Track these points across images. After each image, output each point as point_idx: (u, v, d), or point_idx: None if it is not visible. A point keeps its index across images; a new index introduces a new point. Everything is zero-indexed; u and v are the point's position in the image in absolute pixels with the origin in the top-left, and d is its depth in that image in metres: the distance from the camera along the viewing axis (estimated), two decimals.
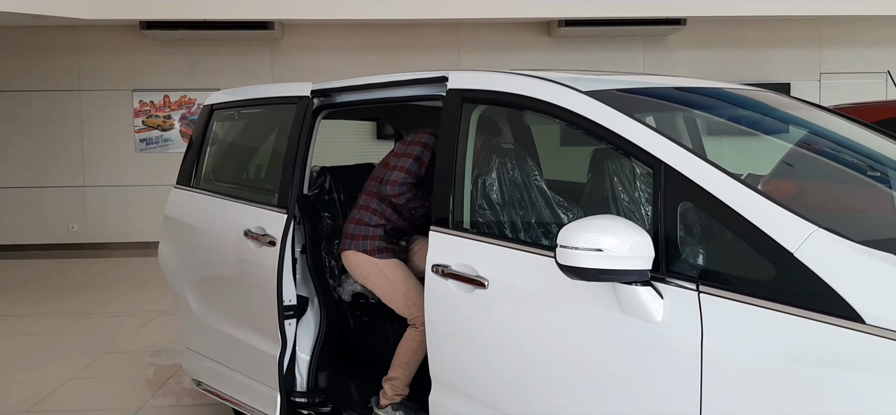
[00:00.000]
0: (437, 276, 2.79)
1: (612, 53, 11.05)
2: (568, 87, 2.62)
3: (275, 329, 3.43)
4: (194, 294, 4.13)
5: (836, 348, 1.88)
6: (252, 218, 3.62)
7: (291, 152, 3.51)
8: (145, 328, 6.59)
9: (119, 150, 10.98)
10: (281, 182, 3.54)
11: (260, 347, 3.58)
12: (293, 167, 3.47)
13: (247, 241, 3.60)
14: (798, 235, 2.00)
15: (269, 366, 3.48)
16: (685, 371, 2.11)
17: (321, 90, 3.55)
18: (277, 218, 3.45)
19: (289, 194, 3.46)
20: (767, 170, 2.98)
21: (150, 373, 5.44)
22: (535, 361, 2.49)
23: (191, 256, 4.19)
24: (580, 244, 2.13)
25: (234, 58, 10.88)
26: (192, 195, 4.29)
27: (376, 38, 10.93)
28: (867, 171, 2.93)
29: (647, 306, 2.18)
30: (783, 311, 1.98)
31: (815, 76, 11.34)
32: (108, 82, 10.91)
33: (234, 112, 4.37)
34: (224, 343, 3.91)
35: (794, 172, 3.03)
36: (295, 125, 3.54)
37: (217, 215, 3.98)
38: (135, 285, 8.64)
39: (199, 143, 4.42)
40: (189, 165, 4.41)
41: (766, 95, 3.31)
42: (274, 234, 3.44)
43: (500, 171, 2.99)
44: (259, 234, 3.53)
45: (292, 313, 3.48)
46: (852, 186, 2.80)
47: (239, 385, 3.82)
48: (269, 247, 3.44)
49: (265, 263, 3.45)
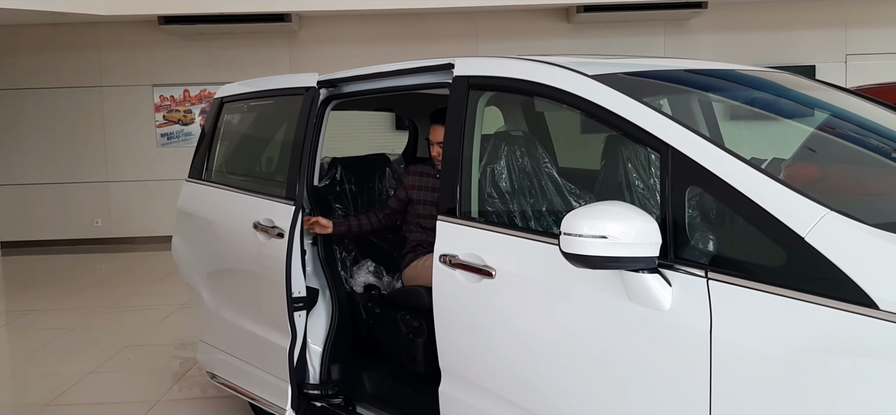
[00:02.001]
0: (444, 266, 2.75)
1: (632, 39, 10.91)
2: (573, 71, 2.56)
3: (285, 321, 3.41)
4: (207, 287, 4.14)
5: (849, 335, 1.82)
6: (261, 210, 3.61)
7: (299, 144, 3.50)
8: (167, 321, 6.63)
9: (141, 145, 11.06)
10: (289, 174, 3.53)
11: (271, 339, 3.57)
12: (301, 158, 3.46)
13: (256, 233, 3.59)
14: (809, 219, 1.94)
15: (280, 358, 3.47)
16: (694, 360, 2.06)
17: (327, 80, 3.53)
18: (286, 210, 3.44)
19: (297, 186, 3.45)
20: (784, 153, 2.91)
21: (176, 365, 5.47)
22: (543, 350, 2.45)
23: (203, 249, 4.20)
24: (584, 231, 2.08)
25: (252, 51, 10.90)
26: (203, 188, 4.31)
27: (394, 29, 10.89)
28: (892, 153, 2.84)
29: (654, 294, 2.13)
30: (794, 297, 1.92)
31: (841, 58, 11.12)
32: (129, 78, 10.98)
33: (243, 104, 4.36)
34: (236, 336, 3.91)
35: (812, 156, 2.95)
36: (302, 116, 3.53)
37: (228, 208, 3.98)
38: (157, 279, 8.70)
39: (210, 136, 4.42)
40: (201, 157, 4.42)
41: (781, 76, 3.23)
42: (282, 226, 3.42)
43: (509, 159, 2.95)
44: (268, 226, 3.52)
45: (302, 304, 3.46)
46: (872, 168, 2.72)
47: (252, 377, 3.82)
48: (278, 239, 3.44)
49: (274, 254, 3.43)
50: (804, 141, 2.89)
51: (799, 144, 2.88)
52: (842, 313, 1.85)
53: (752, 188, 2.05)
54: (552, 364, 2.43)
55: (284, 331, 3.45)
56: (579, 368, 2.36)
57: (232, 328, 3.93)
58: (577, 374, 2.36)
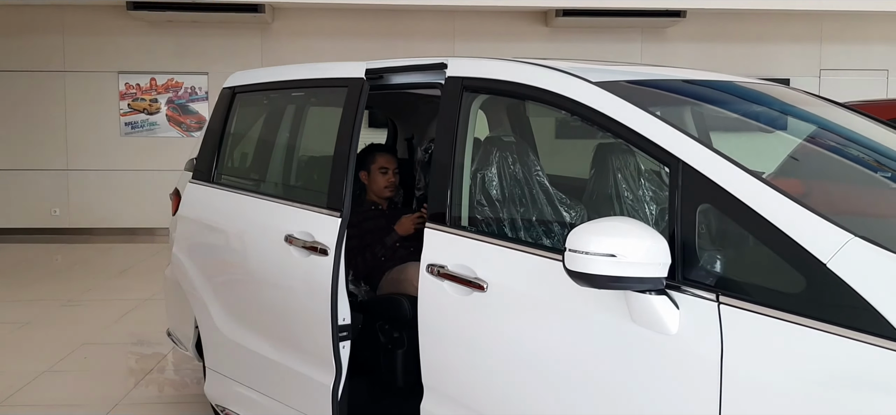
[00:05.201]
0: (432, 276, 2.60)
1: (609, 45, 10.87)
2: (578, 77, 2.43)
3: (324, 352, 2.94)
4: (219, 307, 3.56)
5: (873, 370, 1.71)
6: (295, 221, 3.11)
7: (344, 144, 3.01)
8: (127, 318, 6.39)
9: (104, 133, 10.74)
10: (332, 180, 3.02)
11: (305, 372, 3.07)
12: (347, 162, 2.98)
13: (289, 248, 3.09)
14: (832, 244, 1.82)
15: (317, 395, 2.99)
16: (702, 390, 1.94)
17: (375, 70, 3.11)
18: (329, 222, 2.95)
19: (343, 194, 2.95)
20: (779, 169, 2.81)
21: (136, 364, 5.23)
22: (537, 371, 2.31)
23: (214, 263, 3.65)
24: (592, 249, 1.95)
25: (223, 41, 10.65)
26: (213, 192, 3.74)
27: (370, 24, 10.71)
28: (890, 173, 2.76)
29: (661, 317, 2.01)
30: (813, 327, 1.80)
31: (816, 72, 11.19)
32: (94, 64, 10.66)
33: (262, 96, 3.89)
34: (258, 366, 3.33)
35: (809, 171, 2.86)
36: (347, 112, 3.05)
37: (249, 217, 3.43)
38: (117, 272, 8.43)
39: (219, 132, 3.86)
40: (208, 156, 3.85)
41: (782, 91, 3.13)
42: (325, 241, 2.93)
43: (501, 165, 2.81)
44: (306, 240, 3.02)
45: (346, 334, 2.97)
46: (878, 189, 2.63)
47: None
48: (319, 256, 2.95)
49: (313, 275, 2.96)
50: (812, 158, 2.79)
51: (808, 162, 2.78)
52: (865, 345, 1.73)
53: (769, 209, 1.93)
54: (546, 386, 2.29)
55: (323, 364, 2.97)
56: (576, 392, 2.22)
57: (252, 357, 3.36)
58: (573, 398, 2.23)
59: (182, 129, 10.79)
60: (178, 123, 10.79)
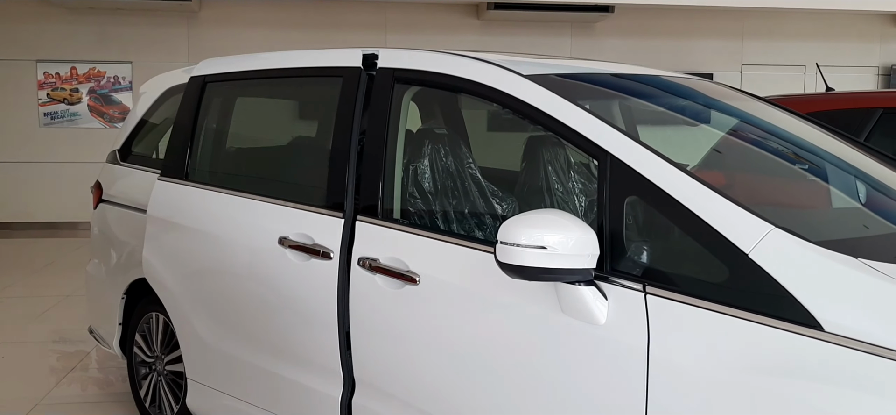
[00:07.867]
0: (363, 270, 2.58)
1: (540, 38, 10.99)
2: (509, 70, 2.44)
3: (329, 361, 2.75)
4: (202, 314, 3.31)
5: (793, 357, 1.77)
6: (291, 222, 2.90)
7: (344, 138, 2.82)
8: (47, 314, 6.17)
9: (21, 123, 10.34)
10: (330, 178, 2.82)
11: (307, 383, 2.87)
12: (347, 159, 2.80)
13: (285, 251, 2.89)
14: (753, 235, 1.88)
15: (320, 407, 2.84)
16: (630, 378, 1.98)
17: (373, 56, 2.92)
18: (330, 223, 2.76)
19: (346, 192, 2.76)
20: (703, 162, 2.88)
21: (57, 363, 5.06)
22: (470, 363, 2.32)
23: (195, 268, 3.37)
24: (522, 241, 1.97)
25: (147, 30, 10.37)
26: (188, 191, 3.44)
27: (300, 15, 10.57)
28: (808, 165, 2.86)
29: (590, 308, 2.04)
30: (736, 315, 1.86)
31: (737, 67, 11.54)
32: (10, 52, 10.26)
33: (237, 87, 3.60)
34: (251, 377, 3.12)
35: (732, 164, 2.94)
36: (345, 104, 2.86)
37: (235, 218, 3.18)
38: (37, 269, 8.13)
39: (189, 125, 3.55)
40: (178, 152, 3.55)
41: (706, 85, 3.21)
42: (328, 244, 2.74)
43: (433, 158, 2.81)
44: (305, 243, 2.82)
45: None
46: (797, 182, 2.72)
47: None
48: (321, 260, 2.75)
49: (314, 280, 2.78)
50: (734, 151, 2.87)
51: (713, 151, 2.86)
52: (785, 333, 1.80)
53: (693, 200, 1.98)
54: (479, 378, 2.30)
55: (324, 373, 2.79)
56: (508, 382, 2.24)
57: (243, 368, 3.15)
58: (505, 389, 2.25)
59: (105, 119, 10.47)
60: (100, 114, 10.47)
